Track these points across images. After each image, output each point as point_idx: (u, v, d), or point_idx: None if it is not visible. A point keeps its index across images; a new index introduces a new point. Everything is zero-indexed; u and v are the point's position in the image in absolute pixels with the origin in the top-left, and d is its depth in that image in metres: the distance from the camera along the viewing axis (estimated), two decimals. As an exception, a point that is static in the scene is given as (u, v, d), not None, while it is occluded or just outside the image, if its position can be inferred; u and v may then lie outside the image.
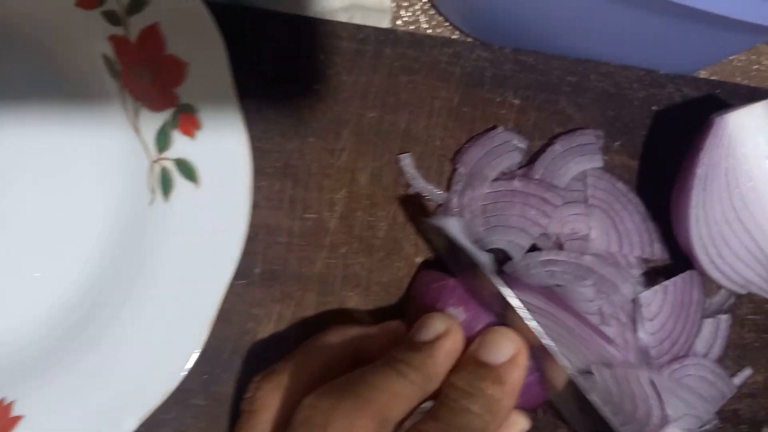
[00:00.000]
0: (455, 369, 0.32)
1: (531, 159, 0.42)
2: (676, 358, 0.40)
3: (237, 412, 0.38)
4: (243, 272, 0.38)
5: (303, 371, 0.33)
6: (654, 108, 0.45)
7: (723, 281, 0.39)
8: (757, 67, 0.51)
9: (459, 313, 0.34)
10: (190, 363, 0.33)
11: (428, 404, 0.31)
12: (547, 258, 0.39)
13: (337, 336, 0.35)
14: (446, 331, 0.32)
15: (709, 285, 0.41)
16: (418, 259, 0.41)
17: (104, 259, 0.35)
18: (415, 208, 0.41)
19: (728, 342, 0.42)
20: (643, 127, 0.44)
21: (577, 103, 0.43)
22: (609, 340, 0.37)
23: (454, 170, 0.41)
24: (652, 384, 0.35)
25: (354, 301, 0.40)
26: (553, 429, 0.41)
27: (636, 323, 0.39)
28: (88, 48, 0.35)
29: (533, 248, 0.41)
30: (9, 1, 0.34)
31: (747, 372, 0.42)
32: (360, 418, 0.27)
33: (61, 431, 0.32)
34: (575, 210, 0.41)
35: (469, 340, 0.33)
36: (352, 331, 0.35)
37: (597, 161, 0.42)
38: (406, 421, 0.30)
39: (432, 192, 0.41)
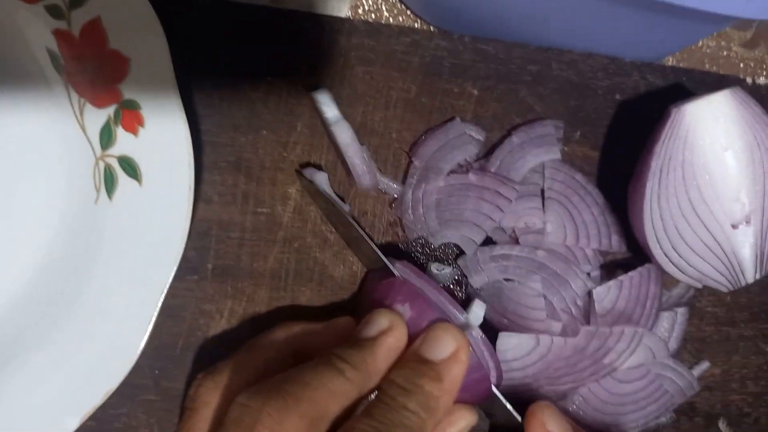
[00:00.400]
0: (396, 365, 0.32)
1: (489, 151, 0.42)
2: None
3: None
4: (195, 268, 0.38)
5: (245, 368, 0.33)
6: (618, 97, 0.44)
7: (678, 275, 0.39)
8: (726, 53, 0.50)
9: (405, 309, 0.34)
10: (133, 362, 0.32)
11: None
12: (499, 252, 0.39)
13: (282, 333, 0.35)
14: (389, 328, 0.32)
15: (669, 277, 0.41)
16: (373, 254, 0.40)
17: (50, 258, 0.35)
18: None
19: (687, 335, 0.42)
20: (606, 117, 0.44)
21: (538, 93, 0.43)
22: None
23: (410, 163, 0.41)
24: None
25: (307, 296, 0.40)
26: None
27: (590, 318, 0.39)
28: (32, 42, 0.34)
29: (489, 242, 0.40)
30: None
31: (704, 365, 0.42)
32: (288, 417, 0.27)
33: (2, 430, 0.32)
34: (531, 204, 0.40)
35: (414, 337, 0.33)
36: (297, 328, 0.35)
37: (555, 153, 0.41)
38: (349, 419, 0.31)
39: (388, 185, 0.40)
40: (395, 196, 0.40)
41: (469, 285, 0.40)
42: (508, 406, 0.35)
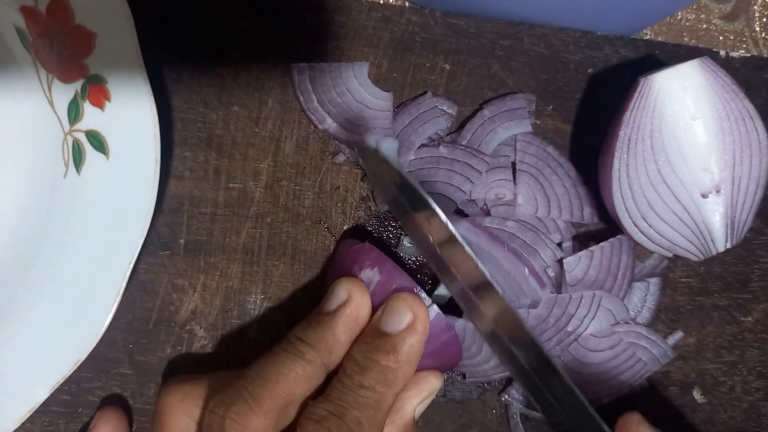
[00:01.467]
0: (357, 340, 0.33)
1: (461, 125, 0.42)
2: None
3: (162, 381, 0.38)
4: (167, 243, 0.39)
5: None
6: (590, 71, 0.44)
7: (648, 244, 0.39)
8: (705, 26, 0.50)
9: (374, 274, 0.34)
10: (101, 332, 0.33)
11: None
12: (469, 224, 0.39)
13: None
14: (348, 299, 0.33)
15: (642, 249, 0.41)
16: (345, 227, 0.41)
17: (19, 230, 0.35)
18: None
19: (660, 305, 0.42)
20: (578, 91, 0.44)
21: (510, 67, 0.43)
22: (542, 282, 0.37)
23: (381, 138, 0.41)
24: None
25: (279, 270, 0.40)
26: (480, 393, 0.41)
27: (561, 288, 0.39)
28: (0, 20, 0.35)
29: (460, 214, 0.41)
30: None
31: (678, 335, 0.42)
32: (251, 419, 0.29)
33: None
34: (501, 175, 0.40)
35: (383, 301, 0.33)
36: None
37: (526, 126, 0.41)
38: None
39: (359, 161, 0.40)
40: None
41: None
42: (597, 417, 0.32)
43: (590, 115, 0.43)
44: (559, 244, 0.40)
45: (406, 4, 0.43)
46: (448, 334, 0.34)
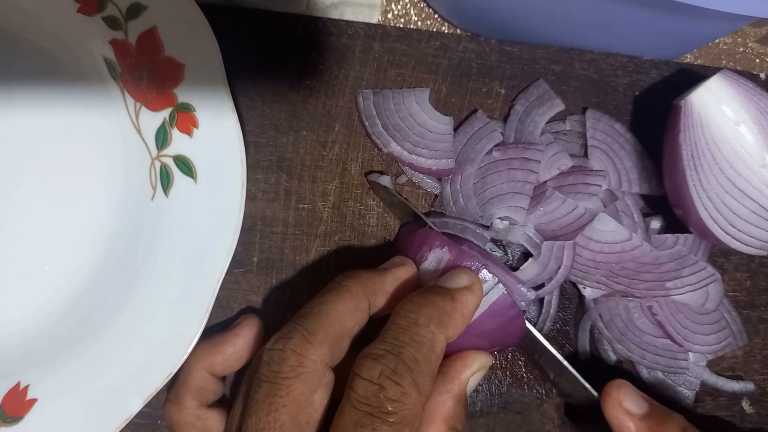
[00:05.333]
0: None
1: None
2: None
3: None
4: (241, 261, 0.41)
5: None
6: (636, 93, 0.46)
7: (744, 248, 0.40)
8: (742, 49, 0.52)
9: (444, 252, 0.36)
10: (191, 346, 0.35)
11: None
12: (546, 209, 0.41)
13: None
14: (401, 262, 0.36)
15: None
16: (409, 245, 0.43)
17: (109, 252, 0.37)
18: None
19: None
20: (625, 113, 0.46)
21: (562, 90, 0.45)
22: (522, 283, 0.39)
23: (443, 160, 0.43)
24: None
25: (348, 286, 0.42)
26: (539, 404, 0.43)
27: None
28: (89, 52, 0.37)
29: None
30: (14, 9, 0.36)
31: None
32: (309, 349, 0.31)
33: (71, 413, 0.35)
34: (553, 150, 0.43)
35: None
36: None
37: (558, 105, 0.44)
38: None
39: (426, 182, 0.42)
40: (436, 193, 0.43)
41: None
42: (586, 384, 0.37)
43: (638, 134, 0.45)
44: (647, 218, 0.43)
45: (463, 32, 0.45)
46: (513, 310, 0.36)
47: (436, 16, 0.48)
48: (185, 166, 0.36)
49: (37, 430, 0.34)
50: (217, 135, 0.36)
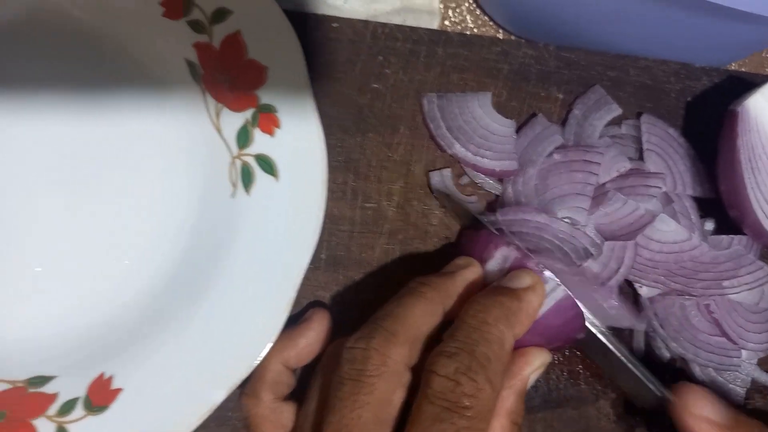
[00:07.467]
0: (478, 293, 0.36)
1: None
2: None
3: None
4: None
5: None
6: (689, 99, 0.47)
7: None
8: (785, 58, 0.54)
9: (510, 251, 0.38)
10: (273, 340, 0.36)
11: None
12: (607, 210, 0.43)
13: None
14: (466, 264, 0.37)
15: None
16: (471, 244, 0.44)
17: (190, 247, 0.38)
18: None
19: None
20: (678, 118, 0.47)
21: (617, 96, 0.46)
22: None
23: (505, 162, 0.44)
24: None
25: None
26: (594, 399, 0.44)
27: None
28: (172, 54, 0.38)
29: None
30: (100, 13, 0.37)
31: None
32: (391, 348, 0.32)
33: (156, 402, 0.36)
34: (613, 152, 0.44)
35: None
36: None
37: (615, 109, 0.45)
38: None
39: (488, 183, 0.44)
40: (497, 194, 0.44)
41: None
42: (653, 385, 0.38)
43: (690, 138, 0.46)
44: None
45: (521, 38, 0.46)
46: (575, 309, 0.38)
47: (491, 23, 0.49)
48: (266, 164, 0.37)
49: (123, 419, 0.35)
50: (300, 135, 0.37)
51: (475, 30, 0.49)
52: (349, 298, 0.43)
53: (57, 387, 0.36)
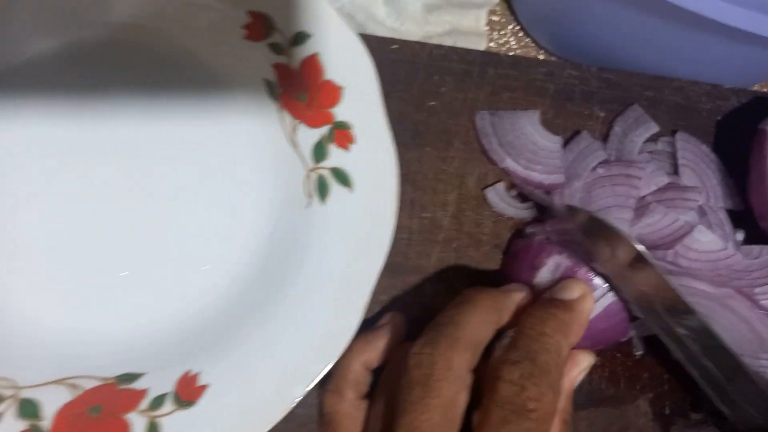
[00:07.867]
0: (531, 307, 0.39)
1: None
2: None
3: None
4: (374, 264, 0.45)
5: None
6: (719, 118, 0.51)
7: None
8: (803, 79, 0.57)
9: (563, 258, 0.40)
10: (349, 339, 0.39)
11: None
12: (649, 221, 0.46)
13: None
14: (518, 288, 0.40)
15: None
16: (520, 252, 0.47)
17: (268, 253, 0.41)
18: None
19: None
20: (709, 135, 0.50)
21: (654, 114, 0.49)
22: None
23: (552, 176, 0.47)
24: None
25: (464, 288, 0.46)
26: (633, 399, 0.47)
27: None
28: (252, 74, 0.41)
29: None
30: (185, 33, 0.40)
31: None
32: (455, 353, 0.34)
33: (242, 397, 0.38)
34: (651, 168, 0.47)
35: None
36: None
37: (654, 127, 0.49)
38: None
39: (536, 195, 0.47)
40: (545, 205, 0.47)
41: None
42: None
43: (720, 154, 0.50)
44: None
45: (566, 60, 0.50)
46: (622, 314, 0.41)
47: (532, 44, 0.53)
48: (342, 176, 0.40)
49: (211, 413, 0.38)
50: (373, 150, 0.40)
51: (518, 51, 0.52)
52: (408, 302, 0.45)
53: (146, 383, 0.38)
